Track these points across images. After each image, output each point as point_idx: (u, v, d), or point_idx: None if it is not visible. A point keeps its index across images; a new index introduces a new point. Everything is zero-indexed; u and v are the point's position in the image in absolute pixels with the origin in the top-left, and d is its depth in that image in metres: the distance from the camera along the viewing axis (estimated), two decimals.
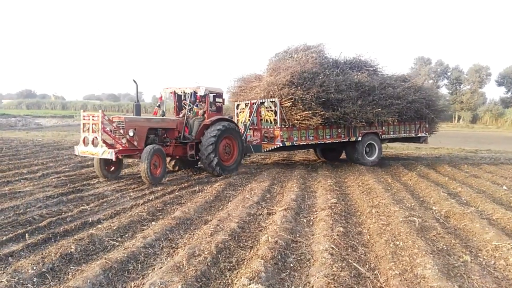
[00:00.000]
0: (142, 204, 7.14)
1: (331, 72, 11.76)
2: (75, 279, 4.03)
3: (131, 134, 8.97)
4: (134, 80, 9.68)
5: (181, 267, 4.28)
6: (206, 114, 10.40)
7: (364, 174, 10.69)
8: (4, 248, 4.93)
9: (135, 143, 9.06)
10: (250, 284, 3.91)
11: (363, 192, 8.52)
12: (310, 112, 10.86)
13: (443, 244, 5.31)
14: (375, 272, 4.52)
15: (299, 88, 10.84)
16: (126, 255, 4.60)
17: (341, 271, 4.25)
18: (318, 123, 11.11)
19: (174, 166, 11.15)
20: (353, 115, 11.45)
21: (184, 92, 10.73)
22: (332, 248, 4.90)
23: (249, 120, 11.69)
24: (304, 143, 11.76)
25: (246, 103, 12.23)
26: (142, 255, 4.76)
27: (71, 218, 6.26)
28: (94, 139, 8.79)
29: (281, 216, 6.29)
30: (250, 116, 11.72)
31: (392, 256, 4.81)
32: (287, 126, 11.30)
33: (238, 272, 4.37)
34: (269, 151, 11.60)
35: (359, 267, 4.57)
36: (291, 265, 4.67)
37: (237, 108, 12.82)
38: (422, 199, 8.23)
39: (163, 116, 10.62)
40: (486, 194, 8.50)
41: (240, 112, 12.65)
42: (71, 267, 4.45)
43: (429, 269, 4.27)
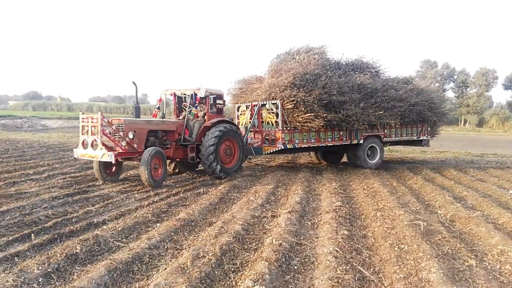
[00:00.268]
0: (147, 206, 7.17)
1: (333, 73, 11.65)
2: (80, 279, 4.05)
3: (130, 136, 8.88)
4: (133, 82, 9.62)
5: (185, 268, 4.29)
6: (206, 116, 10.32)
7: (369, 177, 10.66)
8: (10, 248, 4.97)
9: (135, 145, 8.97)
10: (254, 286, 3.92)
11: (368, 196, 8.49)
12: (312, 114, 10.78)
13: (448, 248, 5.28)
14: (380, 275, 4.50)
15: (301, 90, 10.73)
16: (131, 256, 4.62)
17: (345, 274, 4.24)
18: (320, 125, 11.03)
19: (174, 168, 11.07)
20: (355, 118, 11.35)
21: (184, 93, 10.63)
22: (337, 251, 4.89)
23: (250, 122, 11.61)
24: (306, 146, 11.66)
25: (247, 105, 12.11)
26: (147, 256, 4.78)
27: (77, 219, 6.31)
28: (93, 142, 8.71)
29: (285, 218, 6.28)
30: (251, 118, 11.64)
31: (396, 259, 4.79)
32: (288, 129, 11.17)
33: (242, 274, 4.38)
34: (270, 153, 11.53)
35: (363, 270, 4.55)
36: (295, 267, 4.66)
37: (237, 110, 12.72)
38: (428, 202, 8.18)
39: (163, 118, 10.57)
40: (492, 198, 8.44)
41: (240, 114, 12.56)
42: (76, 268, 4.48)
43: (434, 273, 4.24)
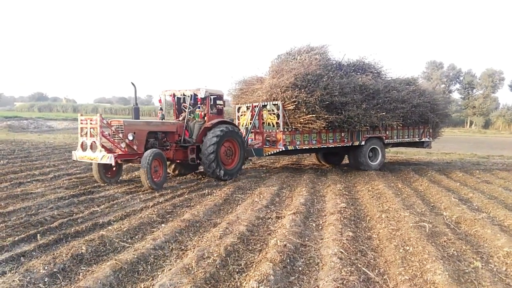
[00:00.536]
0: (152, 206, 7.20)
1: (335, 74, 11.53)
2: (86, 279, 4.08)
3: (130, 138, 8.77)
4: (132, 83, 9.52)
5: (190, 269, 4.30)
6: (206, 117, 10.22)
7: (374, 179, 10.63)
8: (16, 248, 5.01)
9: (135, 147, 8.87)
10: (259, 287, 3.92)
11: (373, 197, 8.47)
12: (314, 115, 10.66)
13: (453, 250, 5.25)
14: (385, 277, 4.49)
15: (303, 90, 10.56)
16: (136, 256, 4.64)
17: (350, 276, 4.23)
18: (322, 127, 10.91)
19: (174, 170, 10.93)
20: (357, 119, 11.24)
21: (184, 94, 10.48)
22: (341, 252, 4.88)
23: (250, 123, 11.51)
24: (307, 147, 11.54)
25: (247, 106, 11.98)
26: (152, 256, 4.80)
27: (82, 219, 6.34)
28: (92, 144, 8.61)
29: (290, 220, 6.28)
30: (251, 119, 11.53)
31: (401, 261, 4.78)
32: (289, 130, 11.04)
33: (247, 275, 4.38)
34: (270, 155, 11.44)
35: (368, 272, 4.54)
36: (300, 268, 4.66)
37: (238, 111, 12.59)
38: (433, 204, 8.15)
39: (163, 119, 10.47)
40: (498, 200, 8.39)
41: (241, 115, 12.45)
42: (82, 268, 4.51)
43: (439, 274, 4.23)
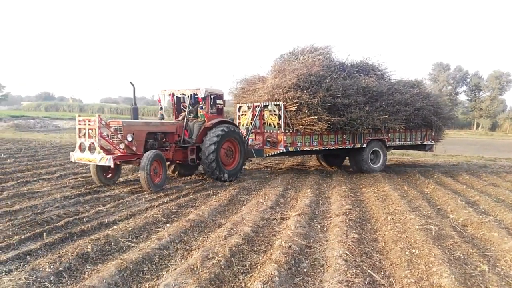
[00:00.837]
0: (157, 206, 7.22)
1: (338, 75, 11.40)
2: (91, 278, 4.09)
3: (129, 139, 8.61)
4: (131, 82, 9.40)
5: (195, 269, 4.30)
6: (206, 117, 10.10)
7: (379, 181, 10.58)
8: (22, 246, 5.04)
9: (134, 148, 8.72)
10: None
11: (378, 199, 8.43)
12: (316, 117, 10.54)
13: (460, 253, 5.21)
14: (390, 279, 4.46)
15: (305, 92, 10.45)
16: (141, 256, 4.65)
17: (355, 278, 4.21)
18: (324, 129, 10.78)
19: (174, 171, 10.81)
20: (359, 121, 11.10)
21: (183, 94, 10.30)
22: (347, 254, 4.86)
23: (251, 123, 11.33)
24: (308, 149, 11.43)
25: (248, 106, 11.80)
26: (157, 256, 4.81)
27: (88, 218, 6.37)
28: (91, 145, 8.44)
29: (295, 221, 6.27)
30: (252, 119, 11.36)
31: (407, 264, 4.75)
32: (291, 131, 10.90)
33: (251, 276, 4.38)
34: (271, 156, 11.36)
35: (373, 274, 4.52)
36: (305, 270, 4.65)
37: (238, 111, 12.43)
38: (439, 207, 8.09)
39: (162, 119, 10.33)
40: (505, 203, 8.31)
41: (242, 114, 12.27)
42: (87, 267, 4.52)
43: (445, 277, 4.19)
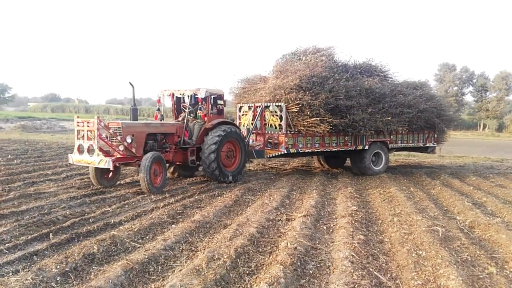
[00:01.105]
0: (162, 207, 7.23)
1: (341, 77, 11.30)
2: (97, 279, 4.10)
3: (129, 140, 8.47)
4: (130, 83, 9.27)
5: (200, 270, 4.30)
6: (207, 117, 9.95)
7: (385, 182, 10.53)
8: (29, 247, 5.07)
9: (134, 150, 8.57)
10: None
11: (384, 200, 8.39)
12: (318, 119, 10.45)
13: (467, 255, 5.17)
14: (397, 281, 4.43)
15: (307, 93, 10.35)
16: (146, 256, 4.65)
17: (361, 280, 4.18)
18: (326, 130, 10.68)
19: (173, 172, 10.69)
20: (362, 123, 10.99)
21: (183, 94, 10.15)
22: (353, 256, 4.84)
23: (252, 123, 11.18)
24: (310, 151, 11.35)
25: (249, 106, 11.66)
26: (162, 257, 4.81)
27: (94, 219, 6.40)
28: (89, 147, 8.29)
29: (300, 222, 6.25)
30: (253, 120, 11.19)
31: (414, 265, 4.71)
32: (292, 133, 10.82)
33: (257, 277, 4.36)
34: (272, 157, 11.29)
35: (380, 276, 4.49)
36: (311, 271, 4.63)
37: (239, 111, 12.27)
38: (446, 208, 8.04)
39: (162, 120, 10.19)
40: None
41: (242, 114, 12.12)
42: (94, 267, 4.53)
43: (452, 279, 4.16)
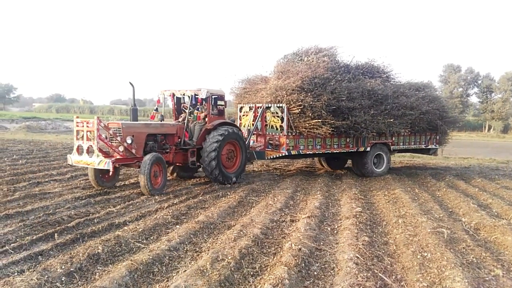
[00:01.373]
0: (166, 208, 7.24)
1: (343, 78, 11.22)
2: (102, 279, 4.11)
3: (129, 141, 8.38)
4: (130, 83, 9.21)
5: (205, 271, 4.30)
6: (207, 118, 9.84)
7: (390, 183, 10.49)
8: (34, 247, 5.09)
9: (133, 150, 8.48)
10: None
11: (389, 202, 8.35)
12: (320, 120, 10.38)
13: (473, 257, 5.13)
14: (402, 283, 4.41)
15: (309, 94, 10.25)
16: (151, 257, 4.66)
17: (366, 281, 4.16)
18: (328, 132, 10.59)
19: (173, 172, 10.65)
20: (364, 125, 10.92)
21: (183, 94, 10.05)
22: (357, 257, 4.82)
23: (253, 124, 11.13)
24: (311, 152, 11.28)
25: (250, 106, 11.60)
26: (167, 257, 4.81)
27: (98, 219, 6.42)
28: (89, 148, 8.19)
29: (304, 223, 6.23)
30: (254, 120, 11.15)
31: (419, 267, 4.69)
32: (293, 134, 10.72)
33: (261, 278, 4.35)
34: (272, 158, 11.21)
35: (385, 277, 4.46)
36: (315, 273, 4.61)
37: (240, 111, 12.17)
38: (451, 210, 7.99)
39: (162, 120, 10.11)
40: None
41: (243, 115, 12.03)
42: (98, 268, 4.54)
43: (458, 282, 4.13)
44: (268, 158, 11.11)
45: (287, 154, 10.79)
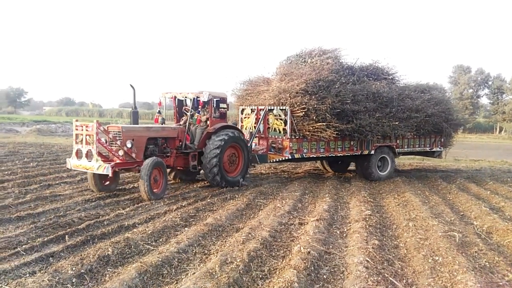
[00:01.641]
0: (175, 210, 7.26)
1: (347, 80, 11.05)
2: (112, 281, 4.14)
3: (129, 145, 8.17)
4: (131, 85, 9.04)
5: (213, 273, 4.29)
6: (209, 121, 9.63)
7: (400, 186, 10.40)
8: (45, 248, 5.14)
9: (133, 155, 8.28)
10: None
11: (399, 205, 8.28)
12: (324, 123, 10.14)
13: (485, 261, 5.06)
14: (413, 287, 4.36)
15: (313, 97, 10.08)
16: (160, 259, 4.67)
17: (376, 285, 4.13)
18: (332, 136, 10.46)
19: (174, 177, 10.49)
20: (369, 128, 10.76)
21: (185, 97, 9.91)
22: (367, 261, 4.78)
23: (255, 127, 10.96)
24: (314, 156, 11.14)
25: (252, 109, 11.41)
26: (176, 260, 4.82)
27: (108, 221, 6.46)
28: (88, 152, 8.02)
29: (313, 226, 6.20)
30: (256, 123, 10.97)
31: (431, 271, 4.63)
32: (297, 137, 10.55)
33: (270, 282, 4.34)
34: (275, 162, 11.10)
35: (395, 282, 4.42)
36: (325, 276, 4.58)
37: (241, 113, 11.97)
38: (462, 213, 7.89)
39: (163, 123, 9.85)
40: None
41: (245, 117, 11.83)
42: (108, 269, 4.57)
43: (470, 286, 4.08)
44: (271, 161, 11.00)
45: (290, 157, 10.66)
